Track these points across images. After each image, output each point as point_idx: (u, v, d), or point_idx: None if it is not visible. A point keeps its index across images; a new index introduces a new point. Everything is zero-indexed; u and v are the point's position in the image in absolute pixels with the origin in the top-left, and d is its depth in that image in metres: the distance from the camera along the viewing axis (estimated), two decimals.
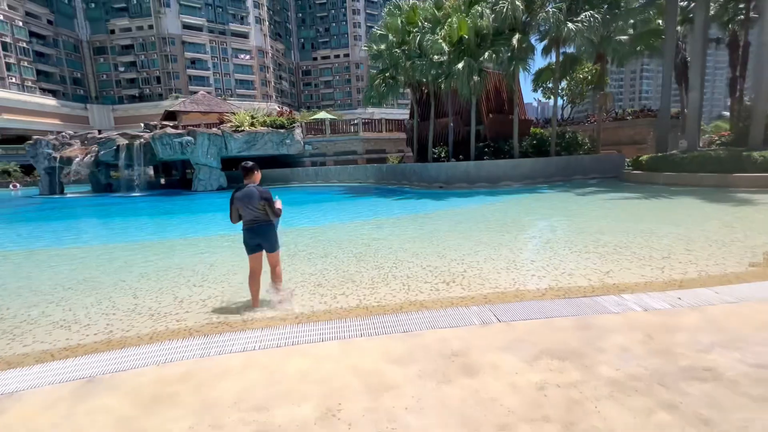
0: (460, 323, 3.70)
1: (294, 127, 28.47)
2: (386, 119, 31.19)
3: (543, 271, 5.27)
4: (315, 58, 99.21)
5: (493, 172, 18.62)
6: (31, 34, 65.91)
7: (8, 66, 61.67)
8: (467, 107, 20.32)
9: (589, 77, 24.80)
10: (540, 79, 23.18)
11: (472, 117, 19.47)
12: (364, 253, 6.94)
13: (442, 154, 21.25)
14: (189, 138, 25.11)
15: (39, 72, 66.93)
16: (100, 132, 38.75)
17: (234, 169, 29.95)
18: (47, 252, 8.55)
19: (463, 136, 21.31)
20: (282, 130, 27.88)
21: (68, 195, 29.38)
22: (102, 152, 28.19)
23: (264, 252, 4.29)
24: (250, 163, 4.19)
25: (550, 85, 27.62)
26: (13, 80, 62.31)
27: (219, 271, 6.17)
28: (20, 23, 63.95)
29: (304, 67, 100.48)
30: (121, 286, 5.56)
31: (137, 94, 76.80)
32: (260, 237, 4.18)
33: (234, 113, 28.82)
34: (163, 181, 36.75)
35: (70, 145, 30.84)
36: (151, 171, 41.70)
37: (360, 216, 12.22)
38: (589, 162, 20.59)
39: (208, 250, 7.88)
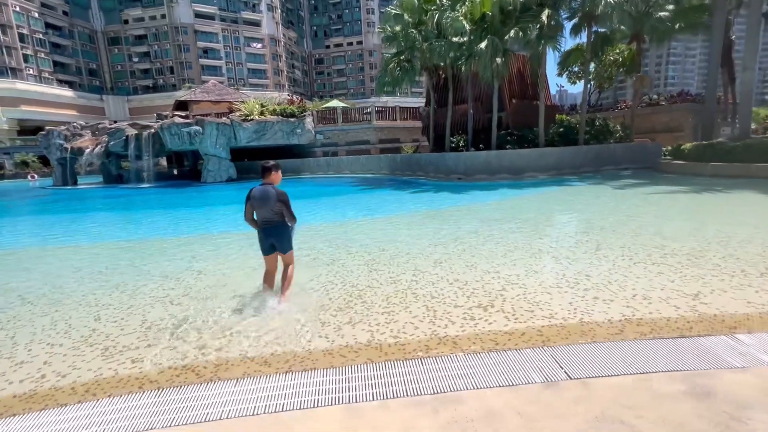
0: (513, 379, 2.61)
1: (305, 115, 27.44)
2: (400, 107, 29.81)
3: (607, 291, 4.10)
4: (328, 46, 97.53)
5: (516, 163, 17.23)
6: (47, 25, 66.25)
7: (25, 57, 62.22)
8: (489, 92, 18.86)
9: (621, 59, 22.95)
10: (568, 61, 21.43)
11: (493, 103, 18.02)
12: (377, 260, 5.88)
13: (461, 143, 19.90)
14: (197, 128, 24.35)
15: (55, 63, 67.44)
16: (115, 123, 38.57)
17: (245, 159, 29.24)
18: (26, 252, 7.79)
19: (484, 124, 19.89)
20: (292, 119, 26.89)
21: (80, 186, 29.18)
22: (111, 143, 27.78)
23: (278, 253, 4.17)
24: (271, 162, 4.07)
25: (576, 69, 25.93)
26: (31, 72, 62.93)
27: (206, 281, 5.21)
28: (36, 14, 64.28)
29: (317, 56, 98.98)
30: (88, 301, 4.65)
31: (151, 85, 76.90)
32: (274, 237, 4.06)
33: (243, 102, 27.91)
34: (175, 171, 36.37)
35: (81, 135, 30.58)
36: (164, 161, 41.73)
37: (373, 211, 11.15)
38: (621, 151, 18.94)
39: (201, 253, 6.96)
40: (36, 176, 48.53)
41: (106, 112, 72.75)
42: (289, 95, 30.61)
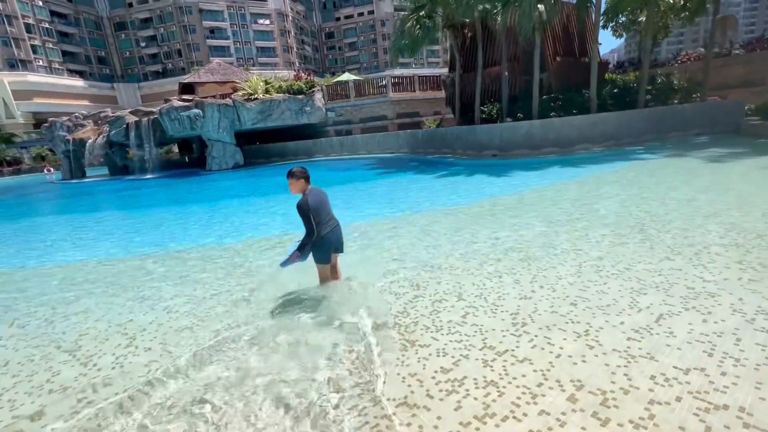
0: None
1: (313, 92, 24.85)
2: (419, 76, 26.69)
3: None
4: (338, 18, 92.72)
5: (564, 133, 14.31)
6: (52, 13, 64.82)
7: (34, 48, 61.32)
8: (527, 50, 15.75)
9: (682, 2, 19.06)
10: (619, 6, 17.79)
11: (534, 61, 14.93)
12: (412, 311, 3.57)
13: (494, 113, 16.97)
14: (197, 111, 22.24)
15: (64, 53, 66.42)
16: (131, 111, 36.96)
17: (257, 142, 27.14)
18: None
19: (521, 89, 16.87)
20: (300, 96, 24.37)
21: (85, 180, 27.92)
22: (113, 132, 26.16)
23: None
24: (297, 169, 3.48)
25: (623, 19, 22.08)
26: (41, 63, 62.16)
27: (181, 322, 3.08)
28: (40, 2, 62.80)
29: (327, 29, 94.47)
30: (19, 371, 2.58)
31: (160, 70, 75.21)
32: (339, 236, 3.81)
33: (247, 80, 25.50)
34: (186, 159, 34.77)
35: (83, 126, 29.13)
36: (176, 149, 40.28)
37: (394, 206, 8.77)
38: (691, 113, 15.60)
39: (183, 277, 4.85)
40: (52, 170, 48.20)
41: (118, 101, 71.85)
42: (297, 71, 27.93)
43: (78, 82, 66.93)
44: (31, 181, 37.92)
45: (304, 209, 3.35)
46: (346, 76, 31.47)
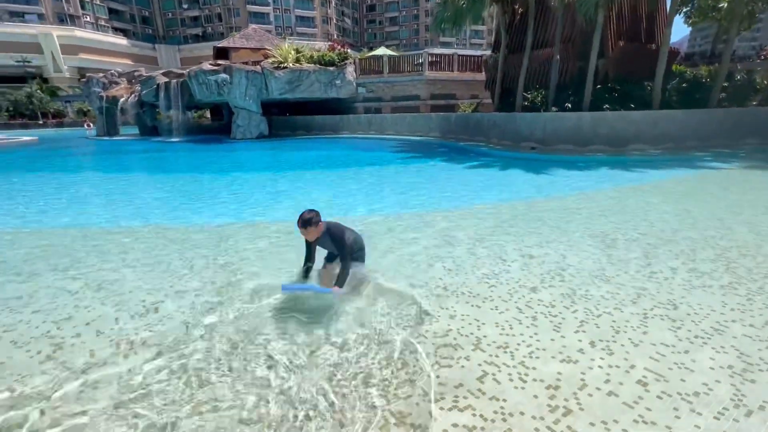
0: None
1: (345, 64, 23.61)
2: (459, 55, 24.77)
3: None
4: None
5: (618, 130, 12.56)
6: None
7: (82, 4, 62.65)
8: (585, 31, 13.83)
9: None
10: None
11: (593, 45, 13.06)
12: (410, 359, 2.59)
13: (538, 101, 15.26)
14: (224, 76, 21.56)
15: (110, 11, 67.62)
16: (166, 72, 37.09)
17: (287, 114, 26.38)
18: None
19: (572, 75, 15.01)
20: (331, 68, 23.21)
21: (117, 138, 28.22)
22: (144, 92, 26.06)
23: None
24: (313, 215, 3.17)
25: (698, 4, 19.27)
26: (88, 19, 63.55)
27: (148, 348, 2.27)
28: None
29: (369, 1, 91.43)
30: None
31: (200, 33, 75.45)
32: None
33: (277, 46, 24.49)
34: (216, 124, 34.66)
35: (117, 83, 29.29)
36: (208, 114, 40.34)
37: (413, 199, 7.69)
38: None
39: (178, 277, 4.11)
40: (91, 125, 49.74)
41: (158, 62, 72.89)
42: (330, 41, 26.59)
43: (122, 41, 68.21)
44: (71, 134, 39.18)
45: (341, 232, 3.31)
46: (381, 51, 29.87)
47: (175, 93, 24.10)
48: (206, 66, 22.35)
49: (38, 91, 48.37)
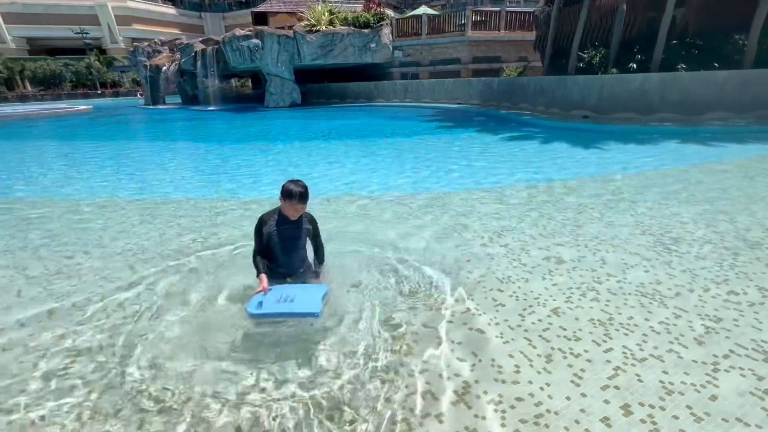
0: None
1: (381, 26, 22.05)
2: (507, 11, 22.17)
3: None
4: None
5: (694, 95, 10.45)
6: None
7: None
8: None
9: None
10: None
11: None
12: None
13: (596, 61, 13.16)
14: (256, 41, 20.98)
15: None
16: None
17: (325, 81, 25.55)
18: None
19: (640, 30, 12.67)
20: (366, 31, 21.80)
21: (161, 106, 29.06)
22: (183, 60, 26.31)
23: None
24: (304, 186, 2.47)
25: None
26: None
27: None
28: None
29: None
30: None
31: (244, 0, 75.06)
32: None
33: (310, 7, 23.32)
34: (254, 92, 34.72)
35: (159, 52, 29.83)
36: (249, 83, 40.57)
37: (438, 176, 6.74)
38: None
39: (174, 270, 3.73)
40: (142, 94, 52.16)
41: (204, 30, 73.98)
42: (370, 1, 24.81)
43: (170, 10, 69.63)
44: (125, 103, 41.30)
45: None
46: (422, 10, 27.62)
47: (211, 60, 24.02)
48: (238, 31, 21.87)
49: (96, 61, 51.08)
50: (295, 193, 2.38)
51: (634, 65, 11.77)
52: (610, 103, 11.41)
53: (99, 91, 49.64)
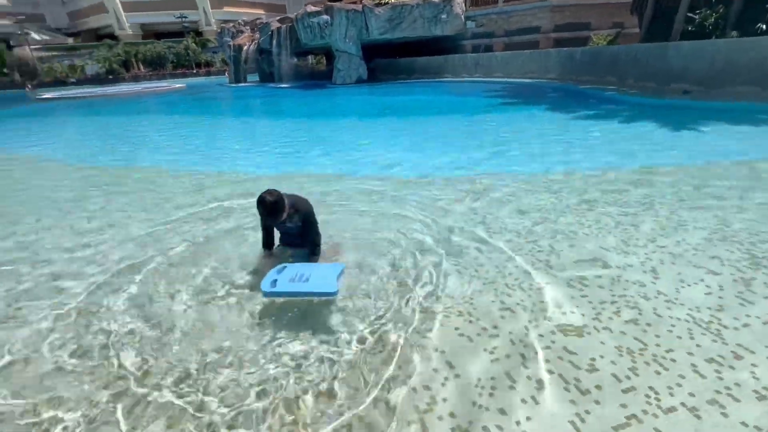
0: None
1: None
2: None
3: None
4: None
5: None
6: None
7: None
8: None
9: None
10: None
11: None
12: None
13: (709, 23, 10.79)
14: (326, 17, 21.09)
15: None
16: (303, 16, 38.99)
17: (392, 56, 25.09)
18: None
19: None
20: (437, 1, 20.62)
21: (241, 84, 31.08)
22: (261, 39, 27.61)
23: None
24: (276, 195, 2.40)
25: None
26: None
27: None
28: None
29: None
30: None
31: None
32: None
33: None
34: (325, 69, 35.47)
35: (241, 33, 31.65)
36: (323, 60, 41.55)
37: (481, 157, 6.10)
38: None
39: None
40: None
41: (286, 9, 76.97)
42: None
43: None
44: (214, 81, 44.96)
45: (312, 214, 2.65)
46: None
47: (284, 38, 24.84)
48: (309, 8, 22.16)
49: (193, 43, 56.22)
50: (258, 207, 2.40)
51: (764, 25, 9.40)
52: (726, 73, 9.32)
53: (194, 71, 54.76)
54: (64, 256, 3.25)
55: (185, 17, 55.30)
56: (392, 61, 24.86)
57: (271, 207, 2.35)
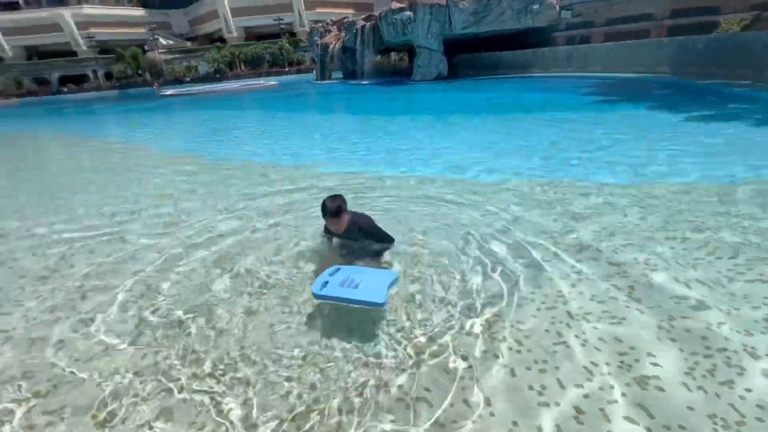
0: None
1: None
2: None
3: None
4: None
5: None
6: None
7: None
8: None
9: None
10: None
11: None
12: None
13: None
14: (408, 13, 20.97)
15: None
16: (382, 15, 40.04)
17: (474, 51, 24.21)
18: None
19: None
20: None
21: (326, 81, 32.59)
22: (347, 37, 28.58)
23: None
24: (339, 200, 2.54)
25: None
26: None
27: None
28: None
29: None
30: None
31: None
32: None
33: None
34: (406, 66, 35.53)
35: (329, 32, 33.09)
36: (406, 57, 41.76)
37: (579, 160, 5.40)
38: None
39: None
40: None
41: (374, 7, 78.79)
42: None
43: None
44: (303, 78, 47.92)
45: (373, 225, 2.70)
46: None
47: (368, 36, 25.34)
48: (394, 5, 22.23)
49: (287, 43, 60.61)
50: (322, 209, 2.52)
51: None
52: None
53: (286, 69, 59.05)
54: (141, 231, 3.59)
55: (281, 19, 59.72)
56: (474, 56, 23.87)
57: (331, 210, 2.45)
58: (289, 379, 1.86)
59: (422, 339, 2.07)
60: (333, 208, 2.46)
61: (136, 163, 7.42)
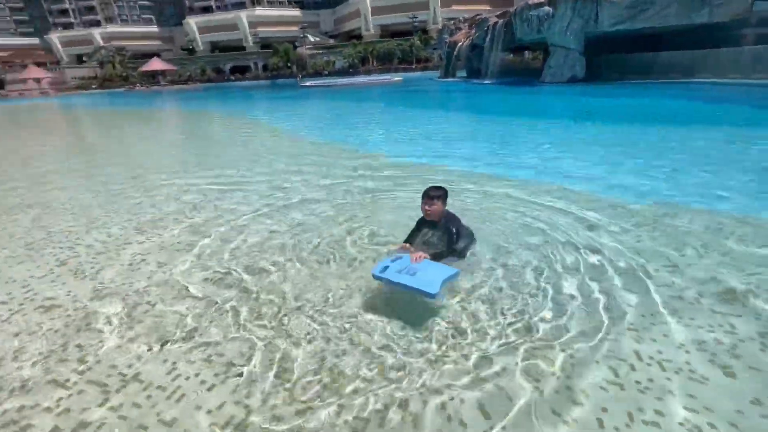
0: None
1: None
2: None
3: None
4: None
5: None
6: None
7: None
8: None
9: None
10: None
11: None
12: None
13: None
14: (547, 9, 19.23)
15: None
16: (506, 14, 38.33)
17: (612, 52, 21.16)
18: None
19: None
20: None
21: (449, 79, 32.30)
22: (477, 34, 27.82)
23: None
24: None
25: None
26: None
27: None
28: None
29: None
30: None
31: None
32: None
33: None
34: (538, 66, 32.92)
35: (459, 29, 32.63)
36: (540, 56, 38.82)
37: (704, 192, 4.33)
38: None
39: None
40: None
41: (513, 3, 74.74)
42: None
43: None
44: (428, 75, 48.43)
45: (462, 225, 2.85)
46: None
47: (498, 33, 24.18)
48: (531, 0, 20.67)
49: (417, 41, 61.95)
50: (426, 191, 2.73)
51: None
52: None
53: (413, 66, 60.51)
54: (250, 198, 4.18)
55: (416, 17, 61.22)
56: (619, 57, 20.69)
57: (434, 195, 2.67)
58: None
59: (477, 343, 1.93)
60: (433, 191, 2.68)
61: (270, 141, 8.56)
